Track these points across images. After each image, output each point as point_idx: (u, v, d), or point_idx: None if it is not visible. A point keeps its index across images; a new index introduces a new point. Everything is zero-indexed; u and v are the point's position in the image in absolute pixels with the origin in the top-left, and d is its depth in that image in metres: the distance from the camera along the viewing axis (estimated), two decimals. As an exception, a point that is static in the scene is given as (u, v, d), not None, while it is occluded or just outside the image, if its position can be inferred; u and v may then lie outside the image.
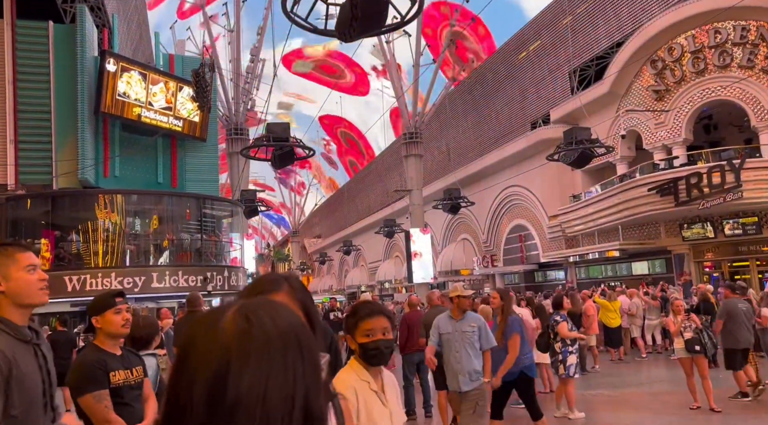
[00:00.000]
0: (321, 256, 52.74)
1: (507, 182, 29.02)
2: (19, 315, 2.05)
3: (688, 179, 18.19)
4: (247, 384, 0.64)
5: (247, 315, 0.69)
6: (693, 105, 20.10)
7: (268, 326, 0.69)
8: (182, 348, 0.69)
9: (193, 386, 0.65)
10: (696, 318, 7.60)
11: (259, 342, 0.67)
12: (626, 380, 10.21)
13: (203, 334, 0.69)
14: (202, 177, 20.02)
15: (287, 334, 0.70)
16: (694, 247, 20.82)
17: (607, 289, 14.35)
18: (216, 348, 0.66)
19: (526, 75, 27.98)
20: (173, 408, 0.66)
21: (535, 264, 28.42)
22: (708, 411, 7.33)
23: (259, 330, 0.68)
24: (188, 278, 16.48)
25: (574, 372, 7.49)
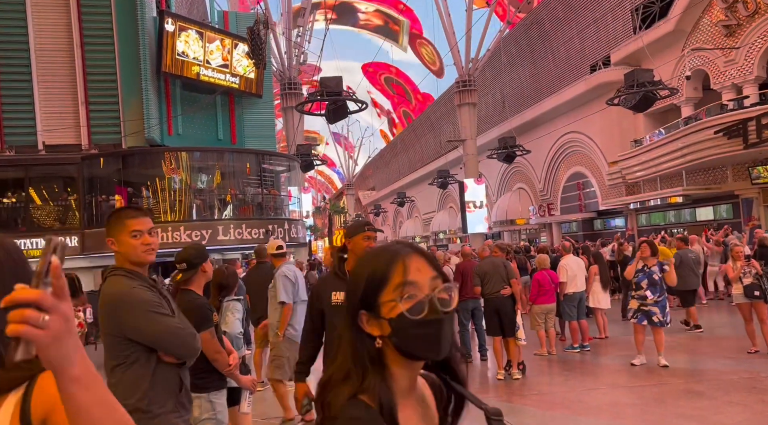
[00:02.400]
0: (375, 208, 53.41)
1: (564, 128, 28.27)
2: (134, 268, 2.42)
3: (758, 119, 17.25)
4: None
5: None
6: (767, 40, 18.81)
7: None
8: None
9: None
10: (756, 263, 7.48)
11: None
12: (682, 326, 10.18)
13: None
14: (259, 133, 20.53)
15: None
16: (765, 191, 19.90)
17: (667, 236, 14.05)
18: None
19: (585, 14, 26.71)
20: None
21: (594, 212, 27.91)
22: (766, 355, 7.32)
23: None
24: (251, 231, 17.21)
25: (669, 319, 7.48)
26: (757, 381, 6.37)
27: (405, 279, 1.00)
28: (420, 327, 0.98)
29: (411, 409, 1.04)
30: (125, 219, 2.39)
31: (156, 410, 2.28)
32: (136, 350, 2.29)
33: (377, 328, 1.01)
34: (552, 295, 8.46)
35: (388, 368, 1.01)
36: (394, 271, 1.00)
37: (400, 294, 0.99)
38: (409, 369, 1.04)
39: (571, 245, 10.35)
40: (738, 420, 5.08)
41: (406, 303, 0.98)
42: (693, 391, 6.13)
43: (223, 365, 3.22)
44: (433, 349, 1.00)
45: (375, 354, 1.00)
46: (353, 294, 1.03)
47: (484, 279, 7.66)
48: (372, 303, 1.01)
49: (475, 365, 8.51)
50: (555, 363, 8.27)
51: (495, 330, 7.57)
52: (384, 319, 0.99)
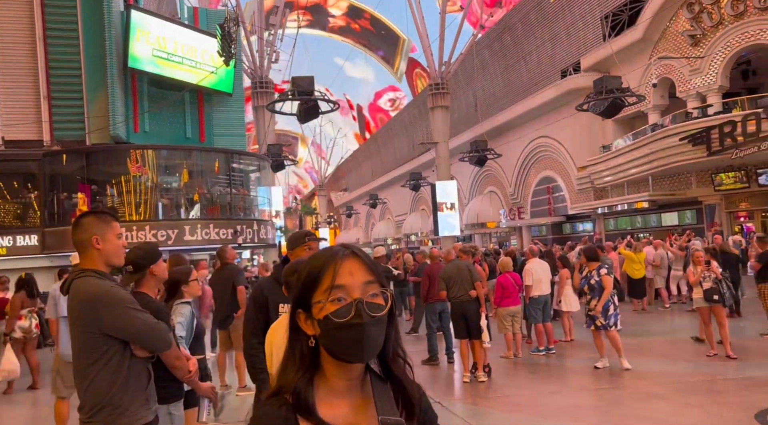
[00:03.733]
0: (348, 209, 53.28)
1: (535, 133, 28.61)
2: (105, 269, 2.51)
3: (721, 128, 17.71)
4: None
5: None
6: (730, 50, 19.34)
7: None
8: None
9: None
10: (716, 268, 7.62)
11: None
12: (648, 329, 10.34)
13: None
14: (229, 131, 20.27)
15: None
16: (727, 198, 20.45)
17: (633, 241, 14.29)
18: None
19: (557, 21, 27.10)
20: None
21: (562, 216, 28.30)
22: (724, 358, 7.46)
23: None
24: (219, 231, 16.96)
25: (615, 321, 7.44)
26: (714, 383, 6.48)
27: (333, 282, 1.01)
28: (343, 330, 0.99)
29: (346, 409, 1.03)
30: (112, 220, 2.53)
31: (127, 403, 2.36)
32: (113, 346, 2.35)
33: (311, 327, 1.04)
34: (516, 298, 8.50)
35: (322, 367, 1.04)
36: (326, 274, 1.02)
37: (328, 296, 1.01)
38: (344, 370, 1.04)
39: (539, 249, 10.46)
40: (694, 422, 5.14)
41: (332, 305, 1.00)
42: (652, 394, 6.20)
43: (184, 372, 3.09)
44: (355, 353, 1.01)
45: (308, 352, 1.04)
46: (292, 294, 1.08)
47: (449, 283, 7.65)
48: (307, 303, 1.04)
49: (442, 367, 8.49)
50: (520, 366, 8.30)
51: (461, 332, 7.58)
52: (314, 320, 1.03)
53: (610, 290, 7.39)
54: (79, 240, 2.47)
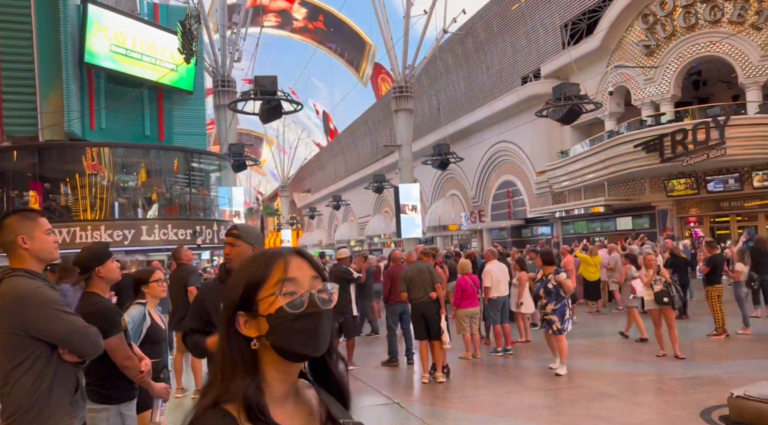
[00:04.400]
0: (310, 211, 52.98)
1: (496, 137, 29.06)
2: (37, 267, 2.46)
3: (673, 136, 18.37)
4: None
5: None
6: (682, 61, 20.08)
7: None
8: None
9: None
10: (666, 272, 7.92)
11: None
12: (601, 330, 10.64)
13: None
14: (189, 130, 19.90)
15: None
16: (678, 203, 21.20)
17: (588, 244, 14.69)
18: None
19: (518, 28, 27.61)
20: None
21: (522, 220, 28.81)
22: (673, 357, 7.74)
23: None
24: (177, 232, 16.65)
25: (567, 326, 7.52)
26: (663, 382, 6.72)
27: (285, 275, 1.00)
28: (299, 321, 0.98)
29: (288, 416, 1.00)
30: (39, 217, 2.48)
31: (51, 410, 2.29)
32: (38, 348, 2.28)
33: (254, 329, 1.00)
34: (475, 299, 8.63)
35: (262, 373, 1.00)
36: (274, 269, 1.01)
37: (280, 289, 0.99)
38: (285, 373, 1.02)
39: (498, 252, 10.65)
40: (643, 420, 5.33)
41: (285, 298, 0.98)
42: (605, 393, 6.39)
43: (135, 372, 3.05)
44: (311, 345, 1.00)
45: (249, 357, 0.99)
46: (231, 296, 1.02)
47: (410, 284, 7.72)
48: (250, 303, 1.00)
49: (402, 368, 8.54)
50: (479, 367, 8.42)
51: (421, 334, 7.65)
52: (262, 316, 0.99)
53: (572, 289, 7.53)
54: (5, 242, 2.39)
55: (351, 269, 9.21)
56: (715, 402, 5.51)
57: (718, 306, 9.04)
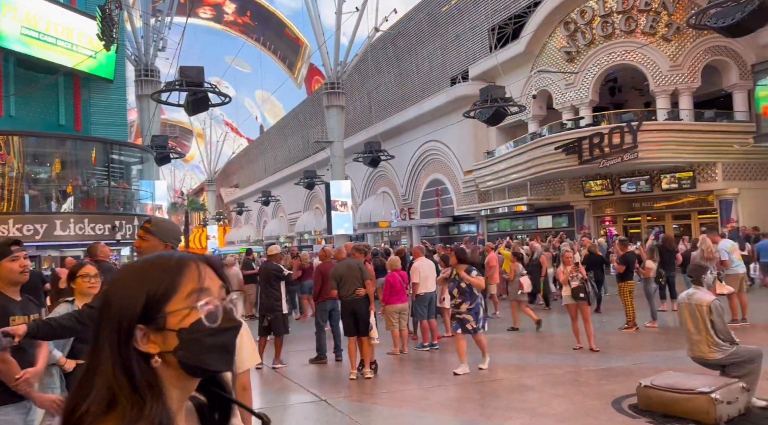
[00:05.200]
0: (238, 206, 51.81)
1: (426, 137, 29.54)
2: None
3: (591, 139, 19.34)
4: (96, 306, 0.91)
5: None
6: (600, 67, 21.15)
7: (126, 265, 0.95)
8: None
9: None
10: (582, 269, 8.35)
11: (114, 275, 0.94)
12: (522, 325, 11.05)
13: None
14: (109, 120, 18.97)
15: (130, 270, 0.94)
16: (594, 203, 22.35)
17: (511, 241, 15.22)
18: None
19: (448, 29, 28.16)
20: None
21: (450, 218, 29.45)
22: (588, 350, 8.18)
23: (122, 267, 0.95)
24: (95, 226, 15.84)
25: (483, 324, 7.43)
26: (579, 374, 7.08)
27: (201, 285, 0.92)
28: (217, 335, 0.91)
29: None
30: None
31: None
32: None
33: (159, 344, 0.89)
34: (404, 295, 8.76)
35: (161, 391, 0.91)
36: (186, 277, 0.92)
37: (196, 300, 0.90)
38: (183, 391, 0.93)
39: (426, 248, 10.85)
40: (559, 411, 5.60)
41: (202, 310, 0.90)
42: (525, 385, 6.66)
43: (8, 378, 2.84)
44: (226, 360, 0.93)
45: (152, 376, 0.88)
46: (126, 307, 0.89)
47: (340, 281, 7.73)
48: (153, 316, 0.89)
49: (330, 366, 8.54)
50: (406, 362, 8.55)
51: (350, 330, 7.67)
52: (172, 331, 0.89)
53: (483, 286, 7.44)
54: None
55: (282, 266, 9.10)
56: (625, 392, 5.86)
57: (630, 301, 9.63)
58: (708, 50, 19.89)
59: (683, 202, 20.71)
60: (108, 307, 0.89)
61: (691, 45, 19.80)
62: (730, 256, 9.64)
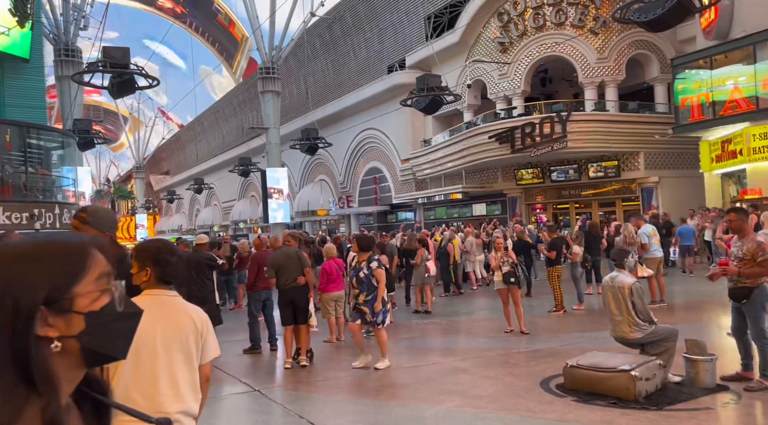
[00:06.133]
0: (169, 194, 50.08)
1: (364, 124, 29.48)
2: None
3: (523, 128, 19.86)
4: None
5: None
6: (532, 58, 21.71)
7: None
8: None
9: None
10: (513, 254, 8.58)
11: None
12: (455, 310, 11.29)
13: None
14: (25, 102, 17.78)
15: (12, 252, 0.82)
16: (526, 191, 23.03)
17: (446, 229, 15.47)
18: None
19: (385, 17, 28.11)
20: None
21: (388, 206, 29.59)
22: (519, 333, 8.43)
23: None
24: (11, 215, 14.88)
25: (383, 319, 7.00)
26: (510, 356, 7.29)
27: (107, 269, 0.88)
28: (125, 320, 0.89)
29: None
30: None
31: None
32: None
33: (60, 328, 0.82)
34: (340, 283, 8.73)
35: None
36: (93, 260, 0.87)
37: (106, 283, 0.87)
38: (71, 384, 0.87)
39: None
40: (490, 392, 5.74)
41: (110, 294, 0.87)
42: (458, 368, 6.79)
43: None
44: (125, 347, 0.90)
45: (48, 365, 0.80)
46: (25, 290, 0.80)
47: (279, 270, 7.60)
48: (58, 298, 0.82)
49: (265, 355, 8.41)
50: (342, 350, 8.53)
51: (288, 319, 7.56)
52: (79, 314, 0.83)
53: (384, 286, 6.91)
54: None
55: (215, 255, 8.85)
56: (553, 372, 6.09)
57: (558, 285, 10.00)
58: (632, 44, 20.80)
59: (608, 189, 21.68)
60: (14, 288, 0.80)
61: (616, 38, 20.63)
62: (650, 241, 10.16)
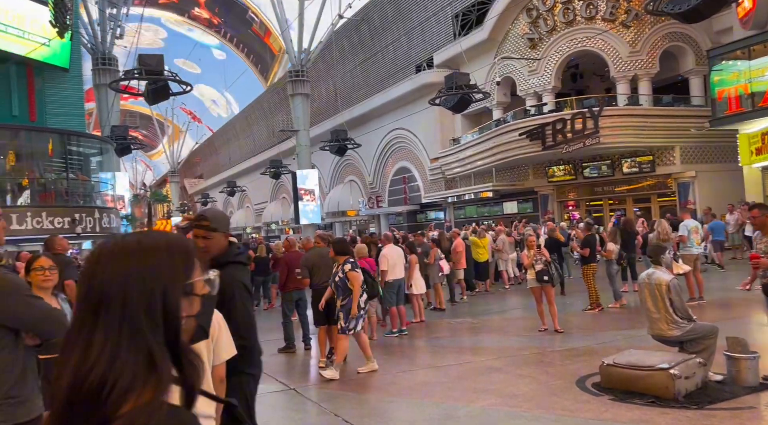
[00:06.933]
0: (203, 197, 50.98)
1: (393, 124, 29.51)
2: None
3: (554, 125, 19.60)
4: (106, 284, 0.87)
5: (117, 240, 0.93)
6: (562, 54, 21.41)
7: (131, 244, 0.92)
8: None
9: (78, 291, 0.90)
10: (546, 252, 8.50)
11: (115, 252, 0.90)
12: (488, 309, 11.24)
13: (88, 256, 0.94)
14: (65, 110, 18.38)
15: (149, 250, 0.92)
16: (558, 188, 22.72)
17: (477, 227, 15.39)
18: (89, 263, 0.91)
19: (412, 17, 28.07)
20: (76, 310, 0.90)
21: (417, 205, 29.57)
22: (553, 332, 8.35)
23: (116, 245, 0.91)
24: (54, 220, 15.40)
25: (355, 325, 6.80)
26: (544, 355, 7.23)
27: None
28: (212, 301, 1.16)
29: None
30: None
31: (26, 394, 2.27)
32: (5, 336, 2.23)
33: (186, 309, 0.95)
34: (372, 283, 8.77)
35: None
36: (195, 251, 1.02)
37: (203, 272, 1.00)
38: None
39: (393, 235, 10.88)
40: (525, 391, 5.71)
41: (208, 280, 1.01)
42: (492, 367, 6.77)
43: None
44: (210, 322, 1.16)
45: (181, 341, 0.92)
46: (174, 277, 0.92)
47: (312, 270, 7.69)
48: (189, 283, 0.96)
49: (299, 355, 8.53)
50: (375, 348, 8.55)
51: (321, 319, 7.65)
52: (198, 296, 0.97)
53: (358, 290, 6.65)
54: None
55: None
56: (589, 371, 6.02)
57: (593, 283, 9.85)
58: (665, 36, 20.33)
59: (643, 185, 21.23)
60: (146, 277, 0.89)
61: (649, 31, 20.20)
62: (690, 236, 9.94)
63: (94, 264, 0.90)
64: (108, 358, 0.84)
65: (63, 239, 5.83)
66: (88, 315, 0.87)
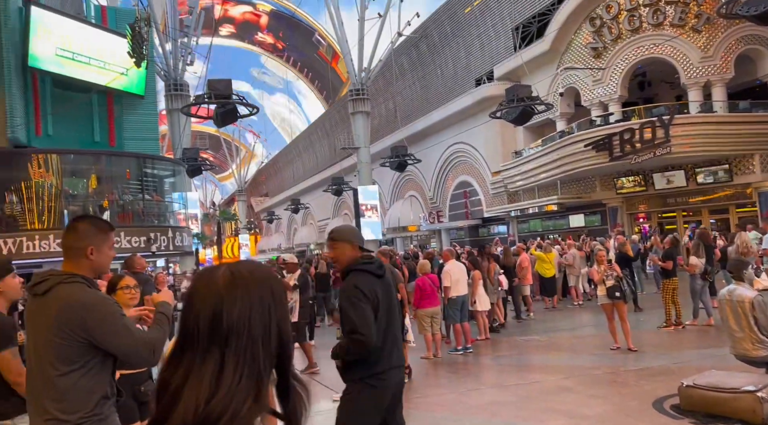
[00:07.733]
0: (269, 215, 52.41)
1: (452, 139, 29.42)
2: (92, 277, 2.45)
3: (621, 135, 18.98)
4: (236, 315, 0.94)
5: (231, 270, 0.99)
6: (628, 62, 20.78)
7: (246, 276, 0.99)
8: (188, 296, 0.98)
9: (197, 321, 0.94)
10: (617, 267, 8.19)
11: (236, 284, 0.97)
12: (556, 325, 10.92)
13: (203, 284, 0.98)
14: (141, 135, 19.45)
15: (262, 281, 0.99)
16: (627, 200, 21.92)
17: (542, 242, 15.04)
18: (212, 293, 0.96)
19: (471, 31, 28.04)
20: (185, 338, 0.96)
21: (479, 219, 29.22)
22: (626, 350, 8.01)
23: (240, 278, 0.98)
24: (131, 239, 16.24)
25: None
26: (617, 375, 6.95)
27: None
28: None
29: None
30: (110, 231, 2.47)
31: (106, 412, 2.32)
32: (96, 355, 2.28)
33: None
34: (435, 299, 8.72)
35: None
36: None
37: None
38: None
39: (455, 251, 10.80)
40: (598, 412, 5.50)
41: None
42: (562, 387, 6.57)
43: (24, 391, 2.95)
44: None
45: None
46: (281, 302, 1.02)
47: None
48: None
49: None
50: (440, 366, 8.51)
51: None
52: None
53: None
54: (72, 247, 2.36)
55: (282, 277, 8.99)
56: (666, 392, 5.73)
57: (672, 299, 9.36)
58: (741, 40, 19.37)
59: (720, 195, 20.16)
60: (264, 308, 0.98)
61: (722, 35, 19.31)
62: (772, 249, 9.34)
63: (216, 295, 0.95)
64: (234, 388, 0.91)
65: (141, 258, 6.14)
66: (214, 345, 0.93)
